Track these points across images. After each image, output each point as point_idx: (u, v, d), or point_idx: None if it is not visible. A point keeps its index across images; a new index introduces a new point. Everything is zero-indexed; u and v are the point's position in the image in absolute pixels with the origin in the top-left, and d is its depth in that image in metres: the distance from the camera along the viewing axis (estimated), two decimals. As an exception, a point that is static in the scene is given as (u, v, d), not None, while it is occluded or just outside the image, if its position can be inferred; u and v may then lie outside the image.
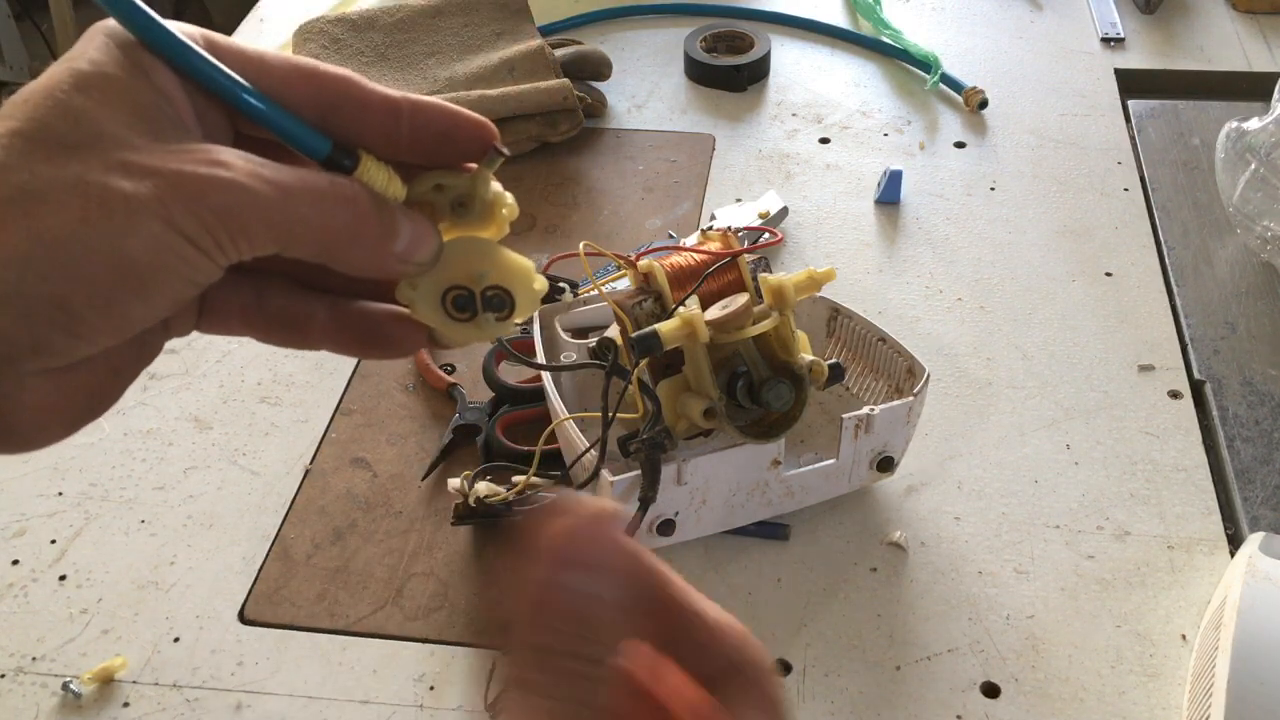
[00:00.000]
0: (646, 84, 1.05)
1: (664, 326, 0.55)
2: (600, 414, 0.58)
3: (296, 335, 0.36)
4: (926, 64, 1.04)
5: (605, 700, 0.28)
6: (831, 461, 0.63)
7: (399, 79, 0.99)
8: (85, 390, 0.31)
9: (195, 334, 0.36)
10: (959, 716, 0.57)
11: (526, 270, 0.34)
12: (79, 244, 0.27)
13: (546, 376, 0.63)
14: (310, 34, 1.03)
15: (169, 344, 0.36)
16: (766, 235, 0.79)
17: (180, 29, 0.31)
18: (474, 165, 0.35)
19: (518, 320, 0.34)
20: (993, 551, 0.65)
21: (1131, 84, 1.05)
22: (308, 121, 0.32)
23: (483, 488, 0.64)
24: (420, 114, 0.33)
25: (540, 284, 0.35)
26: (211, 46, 0.31)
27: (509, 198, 0.35)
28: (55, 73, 0.29)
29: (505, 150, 0.35)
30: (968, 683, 0.59)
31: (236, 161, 0.29)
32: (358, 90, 0.32)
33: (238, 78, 0.31)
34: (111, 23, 0.30)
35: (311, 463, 0.72)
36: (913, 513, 0.67)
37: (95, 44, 0.30)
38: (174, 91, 0.30)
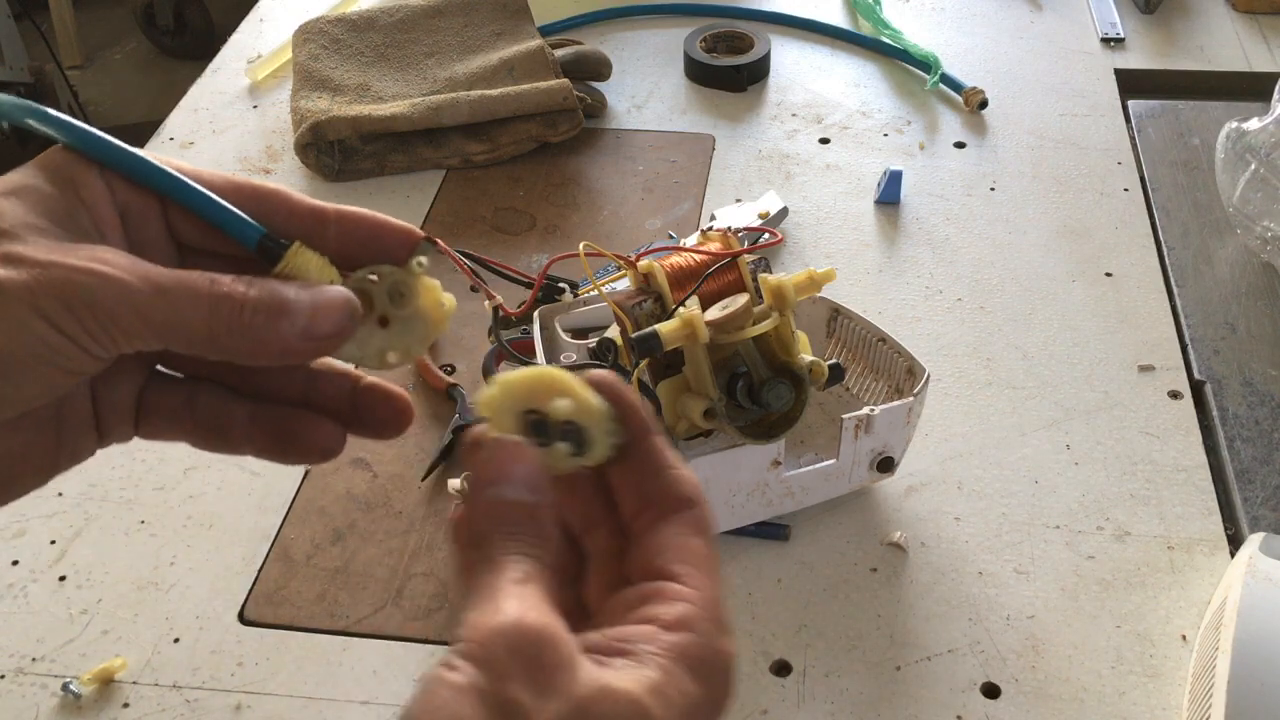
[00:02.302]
0: (646, 84, 1.05)
1: (664, 327, 0.55)
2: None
3: (221, 439, 0.37)
4: (926, 64, 1.04)
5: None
6: (831, 462, 0.63)
7: (399, 79, 0.99)
8: None
9: None
10: (959, 717, 0.57)
11: (602, 413, 0.34)
12: None
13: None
14: (310, 34, 1.03)
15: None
16: (766, 235, 0.79)
17: (125, 146, 0.33)
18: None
19: (588, 463, 0.34)
20: (993, 552, 0.65)
21: (1131, 84, 1.05)
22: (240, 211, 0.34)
23: (483, 488, 0.64)
24: (346, 221, 0.35)
25: (611, 431, 0.35)
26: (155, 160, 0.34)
27: (445, 294, 0.37)
28: (5, 176, 0.32)
29: (436, 240, 0.36)
30: (968, 683, 0.59)
31: (117, 259, 0.31)
32: (285, 200, 0.34)
33: (172, 171, 0.33)
34: (57, 148, 0.33)
35: (311, 463, 0.72)
36: (913, 513, 0.67)
37: (42, 159, 0.33)
38: (99, 203, 0.32)
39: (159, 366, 0.37)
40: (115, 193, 0.33)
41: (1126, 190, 0.91)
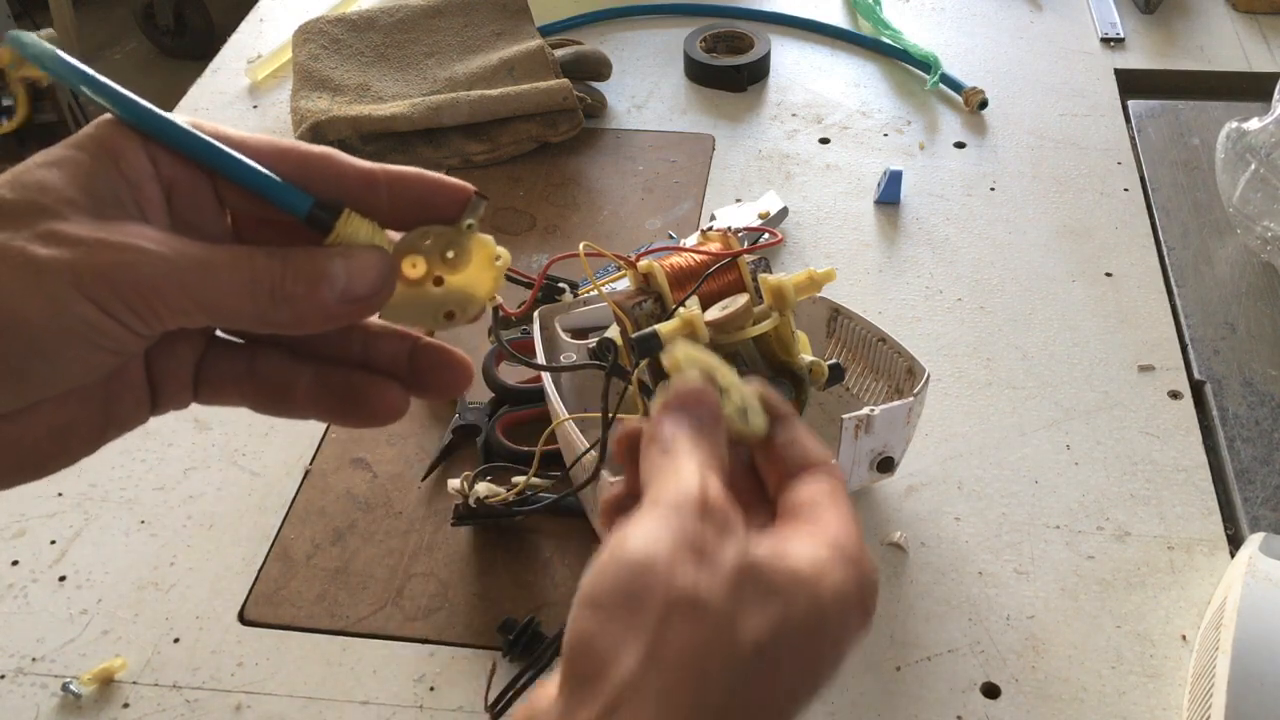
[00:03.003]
0: (646, 84, 1.05)
1: (664, 327, 0.55)
2: (600, 414, 0.58)
3: (284, 403, 0.37)
4: (926, 64, 1.04)
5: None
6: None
7: (399, 79, 0.99)
8: (9, 444, 0.32)
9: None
10: (959, 717, 0.57)
11: (758, 395, 0.37)
12: None
13: (546, 377, 0.63)
14: (310, 34, 1.03)
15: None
16: (766, 235, 0.79)
17: (170, 115, 0.33)
18: None
19: (751, 433, 0.37)
20: (993, 552, 0.65)
21: (1131, 84, 1.05)
22: (289, 181, 0.33)
23: (483, 488, 0.64)
24: (396, 183, 0.34)
25: (763, 411, 0.37)
26: (197, 126, 0.33)
27: (499, 248, 0.36)
28: (49, 149, 0.32)
29: (486, 196, 0.36)
30: (968, 683, 0.59)
31: (158, 236, 0.31)
32: (335, 164, 0.34)
33: (220, 144, 0.33)
34: (107, 115, 0.32)
35: (311, 463, 0.72)
36: (913, 513, 0.67)
37: (85, 130, 0.32)
38: (141, 178, 0.32)
39: (218, 332, 0.37)
40: (161, 167, 0.32)
41: (1126, 190, 0.91)
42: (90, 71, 0.32)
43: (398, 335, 0.37)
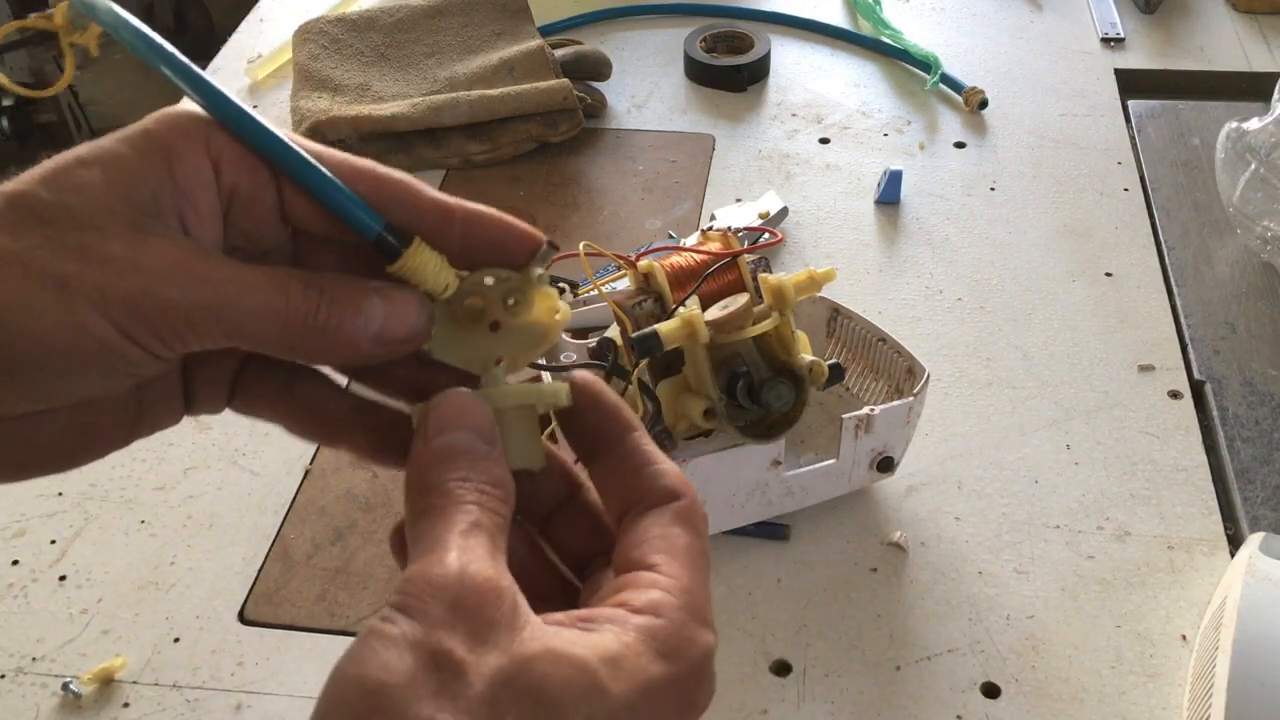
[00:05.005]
0: (646, 84, 1.05)
1: (664, 327, 0.55)
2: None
3: (319, 430, 0.35)
4: (926, 64, 1.04)
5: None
6: (831, 461, 0.63)
7: (399, 79, 0.99)
8: (20, 441, 0.30)
9: None
10: (959, 716, 0.57)
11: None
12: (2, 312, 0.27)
13: (546, 377, 0.63)
14: (310, 34, 1.03)
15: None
16: (766, 235, 0.79)
17: (254, 115, 0.31)
18: None
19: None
20: (993, 551, 0.65)
21: (1131, 84, 1.05)
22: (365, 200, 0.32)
23: (483, 488, 0.64)
24: (473, 222, 0.33)
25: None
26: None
27: (561, 302, 0.35)
28: (98, 141, 0.30)
29: (558, 245, 0.35)
30: (968, 683, 0.59)
31: (194, 255, 0.29)
32: (412, 192, 0.32)
33: (300, 150, 0.31)
34: (174, 107, 0.30)
35: (311, 463, 0.72)
36: (913, 513, 0.67)
37: (142, 124, 0.30)
38: (191, 183, 0.30)
39: None
40: (224, 173, 0.31)
41: (1126, 190, 0.91)
42: (167, 46, 0.30)
43: (448, 371, 0.35)
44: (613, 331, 0.61)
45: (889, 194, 0.90)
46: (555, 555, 0.35)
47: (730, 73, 1.03)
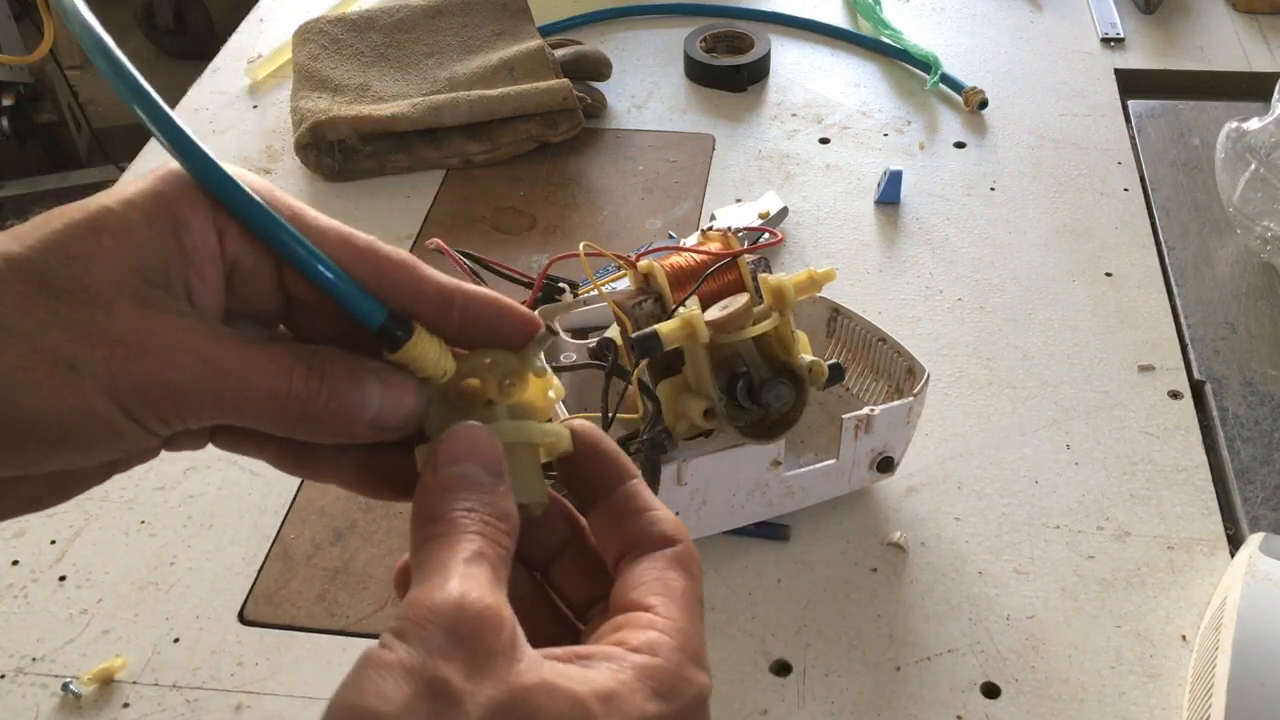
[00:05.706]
0: (646, 84, 1.05)
1: (664, 327, 0.55)
2: (600, 414, 0.58)
3: (306, 466, 0.36)
4: (926, 64, 1.04)
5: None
6: (831, 462, 0.63)
7: (399, 79, 0.99)
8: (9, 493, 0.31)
9: None
10: (959, 717, 0.57)
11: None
12: (5, 387, 0.27)
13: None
14: (310, 34, 1.03)
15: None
16: (766, 235, 0.79)
17: (244, 180, 0.30)
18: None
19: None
20: (993, 552, 0.65)
21: (1131, 84, 1.05)
22: (365, 288, 0.32)
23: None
24: (472, 305, 0.33)
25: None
26: (273, 203, 0.31)
27: (555, 380, 0.36)
28: (96, 200, 0.29)
29: (557, 329, 0.35)
30: (968, 683, 0.59)
31: (201, 334, 0.29)
32: (414, 275, 0.32)
33: (300, 235, 0.31)
34: (179, 167, 0.30)
35: (311, 463, 0.72)
36: (913, 513, 0.67)
37: (151, 185, 0.30)
38: (199, 255, 0.30)
39: None
40: (227, 242, 0.31)
41: (1126, 190, 0.91)
42: (176, 123, 0.30)
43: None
44: (613, 331, 0.61)
45: (889, 194, 0.90)
46: (559, 599, 0.35)
47: (730, 73, 1.03)
